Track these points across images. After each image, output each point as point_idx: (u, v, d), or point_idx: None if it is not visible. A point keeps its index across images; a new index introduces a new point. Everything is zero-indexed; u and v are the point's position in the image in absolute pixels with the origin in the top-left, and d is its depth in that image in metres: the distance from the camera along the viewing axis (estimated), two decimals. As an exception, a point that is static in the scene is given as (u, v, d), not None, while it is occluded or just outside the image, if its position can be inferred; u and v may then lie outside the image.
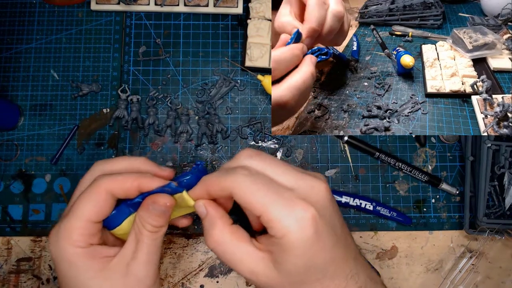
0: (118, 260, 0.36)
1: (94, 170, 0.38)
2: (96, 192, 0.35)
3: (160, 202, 0.35)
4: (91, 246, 0.35)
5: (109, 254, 0.36)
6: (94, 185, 0.36)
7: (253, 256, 0.33)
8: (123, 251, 0.36)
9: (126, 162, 0.39)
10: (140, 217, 0.36)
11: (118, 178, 0.36)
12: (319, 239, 0.31)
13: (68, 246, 0.34)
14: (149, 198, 0.36)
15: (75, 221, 0.35)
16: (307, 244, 0.30)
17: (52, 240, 0.35)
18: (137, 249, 0.36)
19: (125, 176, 0.36)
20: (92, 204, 0.35)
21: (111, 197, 0.36)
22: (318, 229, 0.31)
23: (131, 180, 0.36)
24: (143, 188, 0.36)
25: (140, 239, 0.36)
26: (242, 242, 0.34)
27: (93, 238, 0.36)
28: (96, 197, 0.35)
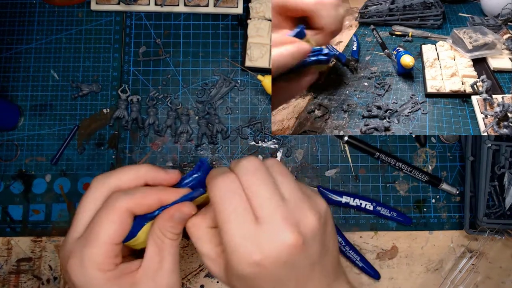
0: (144, 272, 0.35)
1: (98, 187, 0.36)
2: (116, 213, 0.34)
3: (187, 211, 0.35)
4: (118, 267, 0.35)
5: (134, 268, 0.35)
6: (112, 206, 0.34)
7: (211, 251, 0.35)
8: (147, 263, 0.35)
9: (131, 173, 0.37)
10: (161, 227, 0.35)
11: (137, 195, 0.34)
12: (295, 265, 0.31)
13: (97, 272, 0.33)
14: (172, 209, 0.35)
15: (100, 246, 0.33)
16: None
17: (76, 269, 0.33)
18: (162, 259, 0.35)
19: (143, 193, 0.35)
20: (114, 226, 0.33)
21: (130, 216, 0.35)
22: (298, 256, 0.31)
23: (151, 196, 0.35)
24: (165, 202, 0.35)
25: (163, 248, 0.35)
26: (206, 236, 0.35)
27: (118, 258, 0.35)
28: (117, 218, 0.34)
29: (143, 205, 0.35)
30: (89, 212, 0.35)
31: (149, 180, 0.37)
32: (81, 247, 0.34)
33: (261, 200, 0.31)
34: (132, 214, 0.35)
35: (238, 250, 0.31)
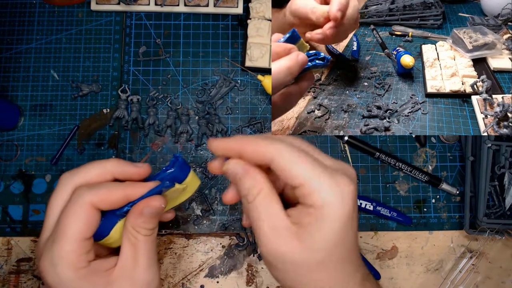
0: (120, 270, 0.35)
1: (64, 184, 0.36)
2: (81, 208, 0.33)
3: (156, 205, 0.35)
4: (90, 264, 0.34)
5: (109, 266, 0.35)
6: (77, 201, 0.34)
7: (283, 222, 0.31)
8: (122, 260, 0.35)
9: (98, 168, 0.36)
10: (132, 223, 0.35)
11: (102, 190, 0.34)
12: (353, 217, 0.31)
13: (69, 271, 0.33)
14: (141, 203, 0.35)
15: (69, 243, 0.33)
16: (345, 218, 0.30)
17: (47, 269, 0.33)
18: (137, 255, 0.35)
19: (109, 188, 0.34)
20: (81, 222, 0.33)
21: (97, 211, 0.34)
22: (355, 208, 0.31)
23: (117, 192, 0.34)
24: (132, 197, 0.35)
25: (137, 244, 0.35)
26: (277, 203, 0.32)
27: (90, 255, 0.34)
28: (83, 214, 0.33)
29: (109, 200, 0.34)
30: (56, 210, 0.35)
31: (118, 175, 0.36)
32: (50, 246, 0.33)
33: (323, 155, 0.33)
34: (98, 209, 0.34)
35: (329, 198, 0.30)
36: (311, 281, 0.31)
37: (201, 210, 0.58)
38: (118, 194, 0.34)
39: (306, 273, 0.31)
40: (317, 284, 0.32)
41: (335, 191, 0.30)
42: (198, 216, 0.58)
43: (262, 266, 0.57)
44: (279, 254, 0.31)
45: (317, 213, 0.30)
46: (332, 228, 0.30)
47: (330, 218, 0.30)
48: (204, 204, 0.58)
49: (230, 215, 0.58)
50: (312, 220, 0.30)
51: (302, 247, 0.31)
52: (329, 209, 0.30)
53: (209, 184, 0.59)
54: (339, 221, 0.30)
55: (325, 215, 0.30)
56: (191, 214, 0.58)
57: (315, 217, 0.30)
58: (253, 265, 0.57)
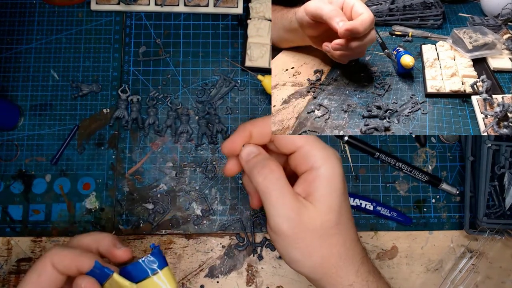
0: None
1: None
2: (40, 263, 0.34)
3: (80, 285, 0.34)
4: None
5: None
6: (42, 256, 0.35)
7: (295, 199, 0.34)
8: None
9: (91, 237, 0.37)
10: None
11: (63, 252, 0.35)
12: (344, 183, 0.35)
13: None
14: (77, 280, 0.34)
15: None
16: (341, 176, 0.34)
17: None
18: None
19: (69, 251, 0.35)
20: (36, 274, 0.34)
21: (55, 271, 0.34)
22: (343, 176, 0.35)
23: (70, 257, 0.34)
24: (81, 268, 0.34)
25: None
26: (288, 185, 0.35)
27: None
28: (40, 268, 0.34)
29: (63, 265, 0.34)
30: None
31: (101, 250, 0.37)
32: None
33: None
34: (54, 267, 0.34)
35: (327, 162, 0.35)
36: (331, 245, 0.34)
37: (201, 210, 0.58)
38: (70, 260, 0.35)
39: (326, 237, 0.34)
40: (336, 249, 0.34)
41: (329, 153, 0.35)
42: (198, 216, 0.58)
43: (262, 266, 0.57)
44: (297, 222, 0.33)
45: (318, 174, 0.34)
46: (334, 184, 0.34)
47: (329, 175, 0.34)
48: (204, 204, 0.58)
49: (230, 215, 0.58)
50: (316, 181, 0.34)
51: (318, 214, 0.33)
52: (326, 167, 0.34)
53: (209, 184, 0.59)
54: (338, 178, 0.34)
55: (324, 174, 0.34)
56: (191, 214, 0.58)
57: (318, 177, 0.34)
58: (253, 265, 0.57)
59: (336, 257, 0.34)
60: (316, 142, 0.35)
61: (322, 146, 0.35)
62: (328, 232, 0.34)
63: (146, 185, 0.59)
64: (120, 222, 0.58)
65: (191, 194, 0.59)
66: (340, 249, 0.34)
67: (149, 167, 0.59)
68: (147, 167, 0.59)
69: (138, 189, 0.59)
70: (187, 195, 0.59)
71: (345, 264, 0.34)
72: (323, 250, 0.34)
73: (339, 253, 0.34)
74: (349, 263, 0.35)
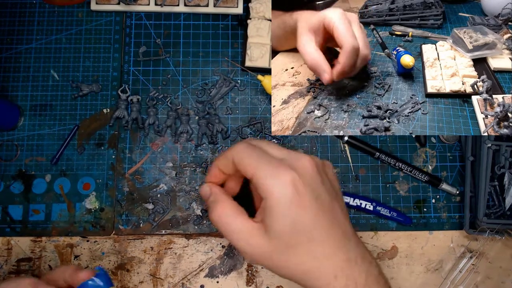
0: None
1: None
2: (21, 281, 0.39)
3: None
4: None
5: None
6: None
7: (249, 226, 0.35)
8: None
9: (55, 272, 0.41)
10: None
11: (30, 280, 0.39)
12: (300, 200, 0.33)
13: None
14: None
15: None
16: (288, 202, 0.33)
17: None
18: None
19: (26, 279, 0.39)
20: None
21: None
22: (299, 191, 0.34)
23: (28, 282, 0.39)
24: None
25: None
26: (240, 215, 0.36)
27: None
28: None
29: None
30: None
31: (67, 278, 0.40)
32: None
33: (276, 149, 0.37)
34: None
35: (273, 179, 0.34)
36: (296, 265, 0.34)
37: (201, 210, 0.58)
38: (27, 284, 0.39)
39: (287, 259, 0.34)
40: (304, 267, 0.34)
41: (275, 180, 0.34)
42: (198, 216, 0.58)
43: (262, 266, 0.57)
44: (257, 255, 0.35)
45: (266, 203, 0.34)
46: (280, 213, 0.33)
47: (275, 204, 0.33)
48: (204, 204, 0.58)
49: (230, 215, 0.58)
50: (266, 211, 0.34)
51: (269, 239, 0.34)
52: (272, 196, 0.33)
53: (209, 184, 0.59)
54: (284, 205, 0.33)
55: (271, 203, 0.34)
56: (191, 214, 0.58)
57: (267, 207, 0.34)
58: (253, 265, 0.57)
59: (304, 272, 0.35)
60: (264, 170, 0.34)
61: (269, 173, 0.34)
62: (285, 252, 0.34)
63: (146, 185, 0.59)
64: (120, 222, 0.58)
65: (191, 194, 0.59)
66: (306, 266, 0.34)
67: (149, 167, 0.59)
68: (147, 167, 0.59)
69: (138, 189, 0.59)
70: (187, 195, 0.59)
71: (318, 275, 0.35)
72: (290, 266, 0.35)
73: (305, 269, 0.35)
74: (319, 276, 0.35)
